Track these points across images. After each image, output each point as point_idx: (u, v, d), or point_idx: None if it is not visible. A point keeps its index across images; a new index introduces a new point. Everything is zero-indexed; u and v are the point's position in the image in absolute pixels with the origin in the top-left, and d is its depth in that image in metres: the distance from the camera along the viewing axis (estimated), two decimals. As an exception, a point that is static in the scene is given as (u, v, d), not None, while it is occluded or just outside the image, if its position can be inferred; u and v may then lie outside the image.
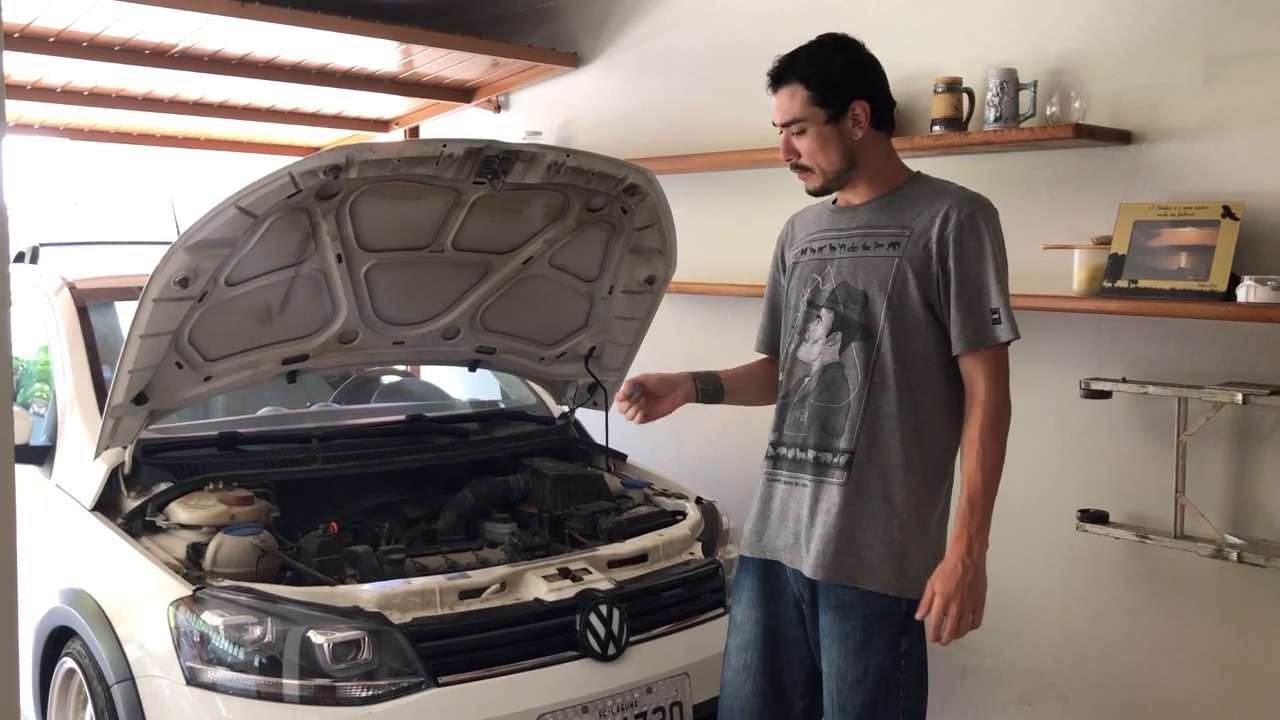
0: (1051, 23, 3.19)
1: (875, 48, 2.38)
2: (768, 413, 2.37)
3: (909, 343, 2.17)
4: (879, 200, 2.26)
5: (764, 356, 2.50)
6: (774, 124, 2.28)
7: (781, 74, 2.25)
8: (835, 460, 2.19)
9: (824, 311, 2.25)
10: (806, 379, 2.25)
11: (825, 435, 2.21)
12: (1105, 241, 2.99)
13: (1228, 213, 2.78)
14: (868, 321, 2.18)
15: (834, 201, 2.35)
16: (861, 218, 2.26)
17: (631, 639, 2.67)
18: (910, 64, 3.31)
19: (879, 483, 2.17)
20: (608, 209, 3.07)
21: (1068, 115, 3.07)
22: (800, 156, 2.25)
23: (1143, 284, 2.89)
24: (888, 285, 2.17)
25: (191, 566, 2.62)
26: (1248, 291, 2.70)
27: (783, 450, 2.29)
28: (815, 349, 2.25)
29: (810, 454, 2.23)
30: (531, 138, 4.55)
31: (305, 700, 2.36)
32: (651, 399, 2.38)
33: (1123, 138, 3.03)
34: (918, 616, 2.17)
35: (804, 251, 2.33)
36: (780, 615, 2.30)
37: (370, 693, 2.38)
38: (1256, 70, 2.83)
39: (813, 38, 2.31)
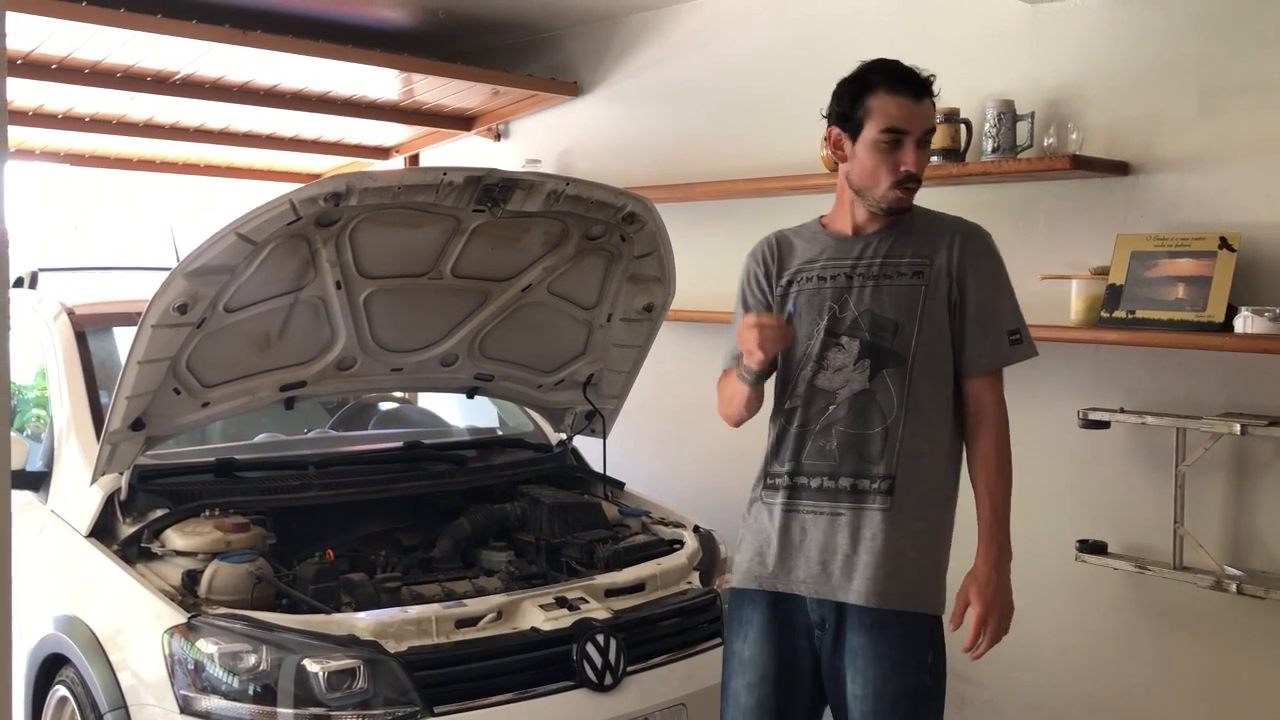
0: (1048, 54, 3.21)
1: (873, 79, 2.40)
2: (765, 441, 2.35)
3: (935, 368, 2.22)
4: (889, 229, 2.27)
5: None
6: (906, 130, 2.19)
7: (928, 86, 2.24)
8: (876, 486, 2.19)
9: (846, 339, 2.22)
10: (832, 407, 2.22)
11: (862, 462, 2.19)
12: (1103, 272, 3.00)
13: (1224, 244, 2.79)
14: (900, 349, 2.20)
15: (819, 226, 2.34)
16: (877, 246, 2.26)
17: (628, 669, 2.65)
18: (908, 95, 3.34)
19: (917, 505, 2.19)
20: (607, 237, 3.08)
21: (1065, 146, 3.09)
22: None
23: (1140, 314, 2.89)
24: (917, 313, 2.20)
25: (186, 594, 2.60)
26: (1245, 322, 2.71)
27: (802, 480, 2.24)
28: (840, 377, 2.22)
29: (845, 482, 2.20)
30: (531, 166, 4.57)
31: (299, 729, 2.34)
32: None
33: (1119, 169, 3.05)
34: (952, 628, 2.20)
35: (808, 279, 2.28)
36: (793, 649, 2.25)
37: (365, 722, 2.36)
38: (1251, 103, 2.85)
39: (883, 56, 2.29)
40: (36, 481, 3.09)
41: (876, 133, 2.19)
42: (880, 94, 2.19)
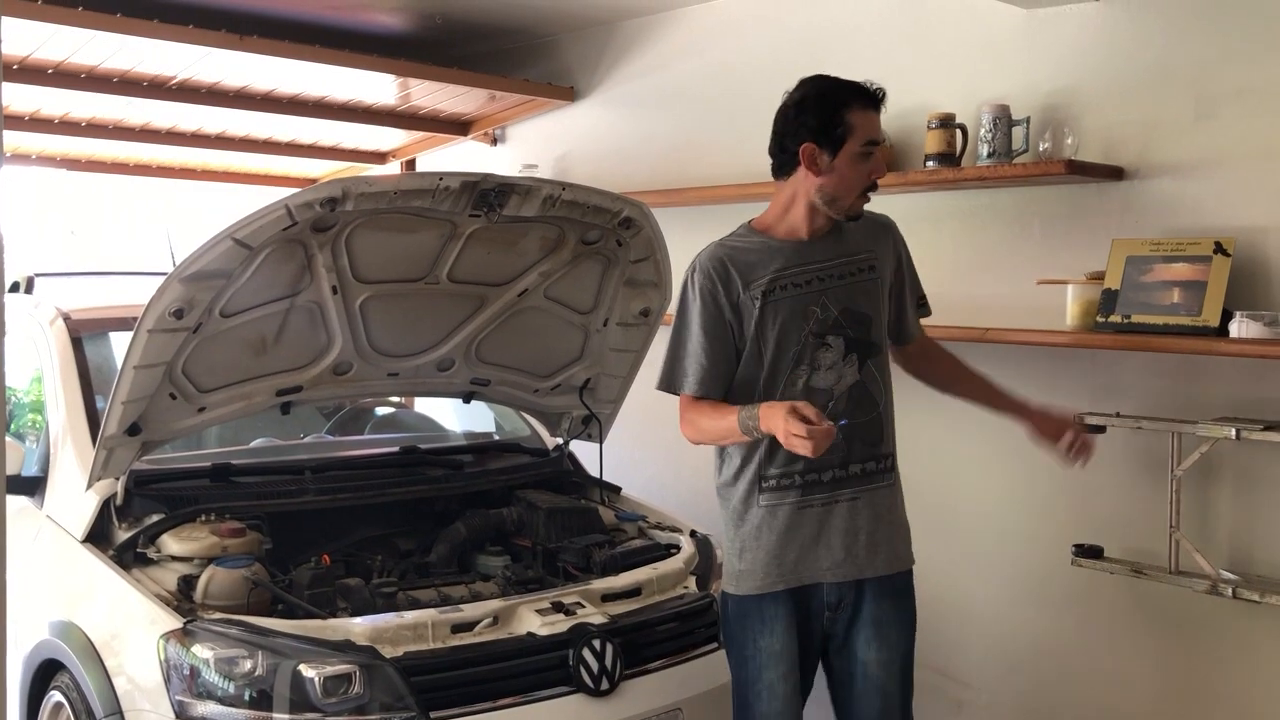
0: (1044, 60, 3.21)
1: (869, 84, 2.42)
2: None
3: (887, 349, 2.48)
4: (833, 230, 2.43)
5: (708, 399, 2.39)
6: (879, 142, 2.38)
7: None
8: (881, 466, 2.41)
9: (832, 338, 2.36)
10: (830, 403, 2.35)
11: (866, 447, 2.38)
12: (1098, 277, 3.01)
13: (1219, 249, 2.80)
14: (876, 339, 2.41)
15: (763, 236, 2.42)
16: (832, 248, 2.41)
17: (625, 674, 2.65)
18: (904, 100, 3.33)
19: (896, 470, 2.46)
20: (603, 242, 3.08)
21: (1060, 151, 3.09)
22: None
23: (1136, 319, 2.90)
24: (880, 304, 2.43)
25: (182, 599, 2.60)
26: (1240, 327, 2.71)
27: (812, 476, 2.35)
28: (833, 374, 2.36)
29: (856, 468, 2.38)
30: (527, 171, 4.57)
31: (295, 734, 2.34)
32: None
33: (1115, 174, 3.05)
34: (1070, 450, 2.56)
35: (783, 287, 2.35)
36: (809, 634, 2.42)
37: (361, 727, 2.36)
38: (1246, 108, 2.85)
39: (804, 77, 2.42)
40: (32, 487, 3.09)
41: (859, 146, 2.32)
42: (856, 110, 2.32)
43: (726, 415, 2.31)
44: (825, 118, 2.31)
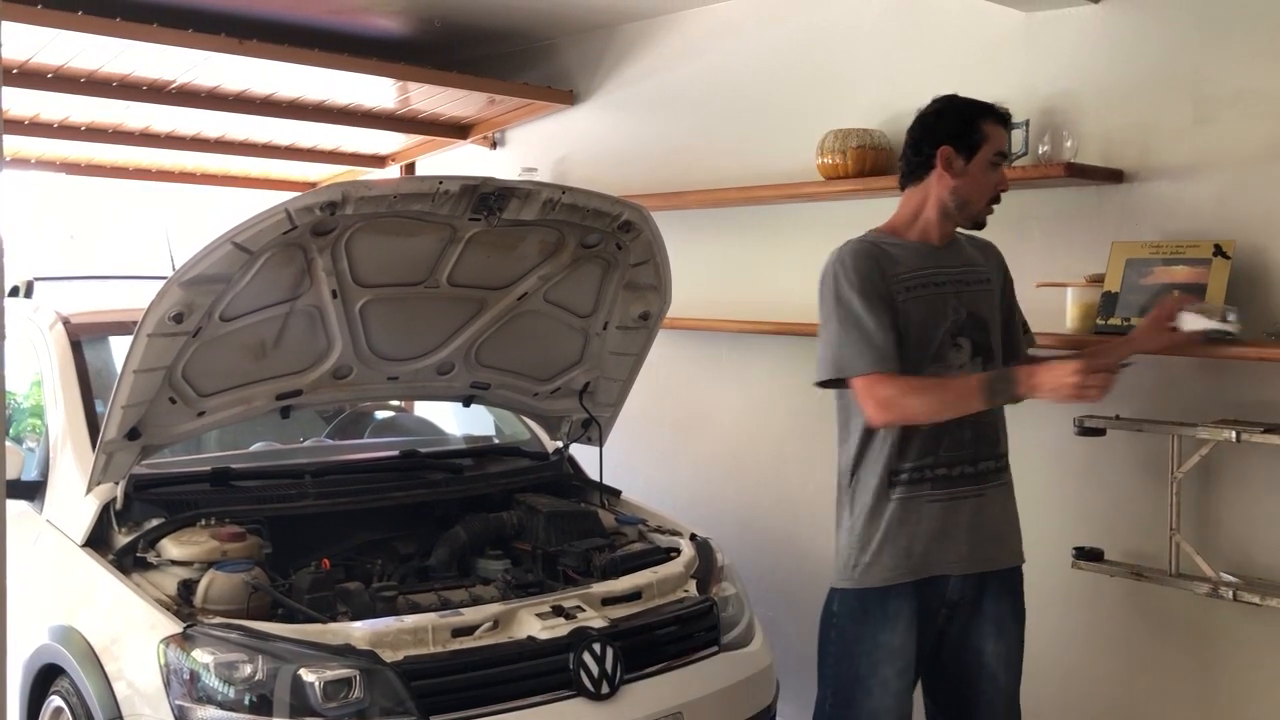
0: (1043, 63, 3.22)
1: (869, 87, 2.43)
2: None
3: (1001, 356, 2.58)
4: (955, 241, 2.57)
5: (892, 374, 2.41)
6: (1007, 155, 2.57)
7: None
8: (999, 464, 2.54)
9: (962, 339, 2.48)
10: None
11: (989, 445, 2.51)
12: (1098, 279, 3.01)
13: (1219, 251, 2.80)
14: (993, 344, 2.54)
15: (895, 238, 2.52)
16: (958, 256, 2.56)
17: (625, 677, 2.65)
18: (903, 103, 3.33)
19: (1011, 472, 2.58)
20: (603, 245, 3.08)
21: (1060, 154, 3.09)
22: None
23: (1135, 322, 2.90)
24: (996, 312, 2.57)
25: (182, 603, 2.60)
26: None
27: (941, 470, 2.45)
28: (962, 374, 2.46)
29: (983, 465, 2.49)
30: (527, 174, 4.58)
31: (296, 739, 2.33)
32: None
33: (1114, 176, 3.06)
34: (1175, 315, 2.66)
35: (923, 285, 2.46)
36: (924, 631, 2.50)
37: (361, 732, 2.35)
38: (1245, 110, 2.85)
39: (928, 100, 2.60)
40: (32, 491, 3.08)
41: (991, 154, 2.48)
42: (990, 121, 2.49)
43: (953, 382, 2.40)
44: (963, 124, 2.47)
